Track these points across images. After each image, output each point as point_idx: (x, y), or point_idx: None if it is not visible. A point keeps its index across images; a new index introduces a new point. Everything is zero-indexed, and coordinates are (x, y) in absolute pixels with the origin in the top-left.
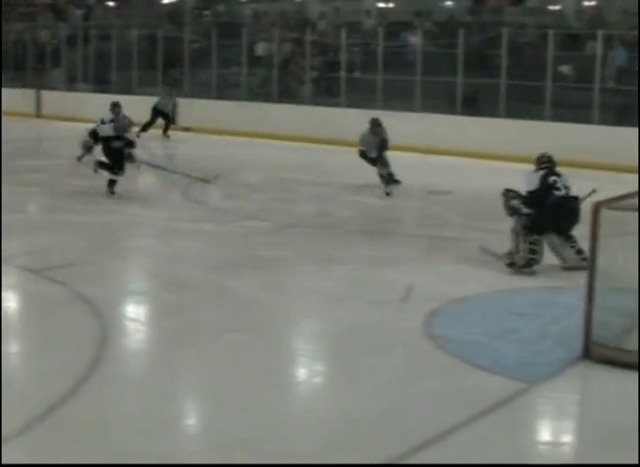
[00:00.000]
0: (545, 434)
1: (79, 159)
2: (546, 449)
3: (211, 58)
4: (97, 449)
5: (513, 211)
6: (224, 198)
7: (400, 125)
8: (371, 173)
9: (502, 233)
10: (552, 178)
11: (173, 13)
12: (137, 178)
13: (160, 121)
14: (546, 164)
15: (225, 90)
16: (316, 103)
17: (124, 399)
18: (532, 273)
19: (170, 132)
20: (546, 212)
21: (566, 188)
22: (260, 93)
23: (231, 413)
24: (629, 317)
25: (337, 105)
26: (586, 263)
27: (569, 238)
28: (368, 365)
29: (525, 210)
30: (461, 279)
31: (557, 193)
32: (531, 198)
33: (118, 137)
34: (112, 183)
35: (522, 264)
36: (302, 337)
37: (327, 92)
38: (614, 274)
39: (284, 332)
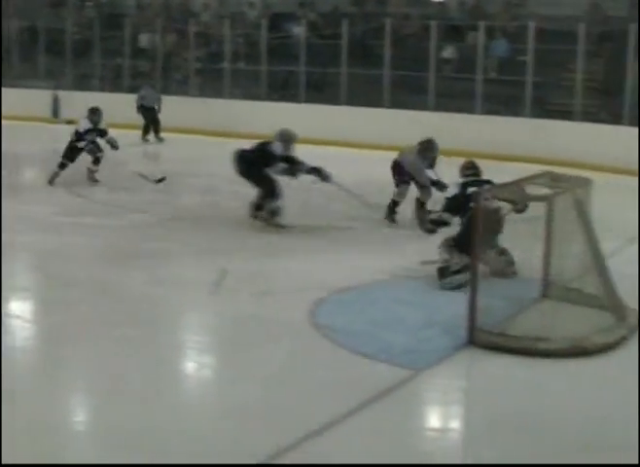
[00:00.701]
0: (432, 420)
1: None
2: (433, 435)
3: (94, 50)
4: None
5: (436, 224)
6: (107, 192)
7: (284, 116)
8: None
9: (384, 222)
10: (472, 189)
11: (55, 3)
12: (22, 172)
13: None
14: (469, 170)
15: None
16: (201, 94)
17: (9, 397)
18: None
19: (61, 126)
20: (468, 227)
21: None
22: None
23: (120, 409)
24: (514, 303)
25: (222, 96)
26: (513, 269)
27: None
28: (255, 356)
29: (447, 216)
30: (346, 268)
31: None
32: (450, 204)
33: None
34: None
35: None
36: (188, 329)
37: (211, 84)
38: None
39: (170, 325)
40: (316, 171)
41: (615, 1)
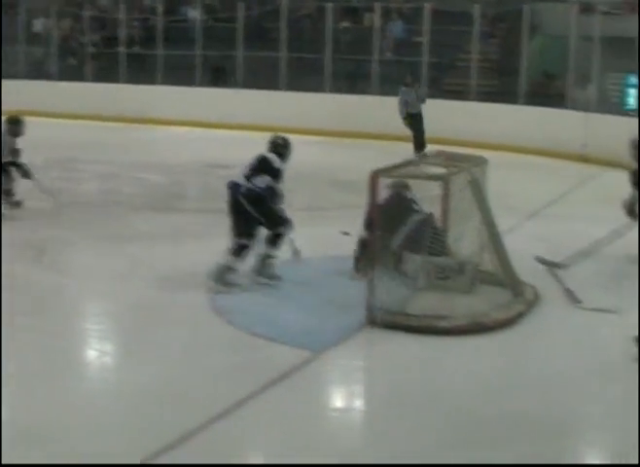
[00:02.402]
0: (334, 400)
1: None
2: (335, 415)
3: None
4: None
5: None
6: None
7: (181, 99)
8: (149, 150)
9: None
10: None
11: None
12: None
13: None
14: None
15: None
16: (97, 80)
17: None
18: None
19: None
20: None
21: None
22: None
23: (20, 400)
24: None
25: (117, 81)
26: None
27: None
28: (156, 342)
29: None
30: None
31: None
32: None
33: None
34: None
35: None
36: (88, 317)
37: (107, 68)
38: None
39: (69, 313)
40: None
41: None
